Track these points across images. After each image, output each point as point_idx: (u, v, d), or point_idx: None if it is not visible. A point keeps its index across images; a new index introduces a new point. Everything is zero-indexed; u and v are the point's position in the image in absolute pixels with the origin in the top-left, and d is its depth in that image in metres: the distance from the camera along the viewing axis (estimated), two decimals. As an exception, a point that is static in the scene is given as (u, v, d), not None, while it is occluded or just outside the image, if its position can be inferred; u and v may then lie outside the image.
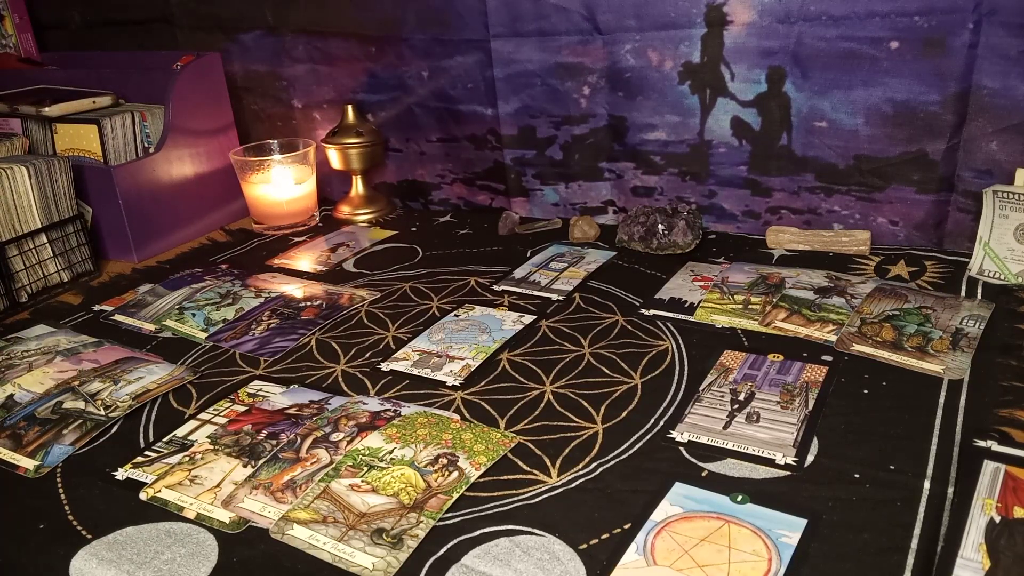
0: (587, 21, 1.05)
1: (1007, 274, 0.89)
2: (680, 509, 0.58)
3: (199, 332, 0.91)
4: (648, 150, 1.10)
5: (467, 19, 1.11)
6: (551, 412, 0.72)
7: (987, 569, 0.50)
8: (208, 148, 1.24)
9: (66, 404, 0.76)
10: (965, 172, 0.95)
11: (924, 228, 1.00)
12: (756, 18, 0.97)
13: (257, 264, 1.11)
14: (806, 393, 0.71)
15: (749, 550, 0.53)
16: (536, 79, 1.12)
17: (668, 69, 1.04)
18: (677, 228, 1.02)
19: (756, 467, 0.62)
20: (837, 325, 0.81)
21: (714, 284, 0.93)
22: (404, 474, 0.63)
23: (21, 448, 0.70)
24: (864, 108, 0.96)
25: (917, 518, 0.55)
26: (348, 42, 1.22)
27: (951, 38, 0.89)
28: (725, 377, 0.74)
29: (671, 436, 0.67)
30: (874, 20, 0.91)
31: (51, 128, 1.17)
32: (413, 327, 0.89)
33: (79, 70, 1.29)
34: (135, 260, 1.14)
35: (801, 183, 1.04)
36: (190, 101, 1.21)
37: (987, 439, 0.62)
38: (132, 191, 1.13)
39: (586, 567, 0.53)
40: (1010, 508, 0.54)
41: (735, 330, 0.84)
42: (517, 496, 0.61)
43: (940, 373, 0.72)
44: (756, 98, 1.01)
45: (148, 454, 0.69)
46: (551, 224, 1.18)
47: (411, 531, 0.57)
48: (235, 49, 1.32)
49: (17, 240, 1.00)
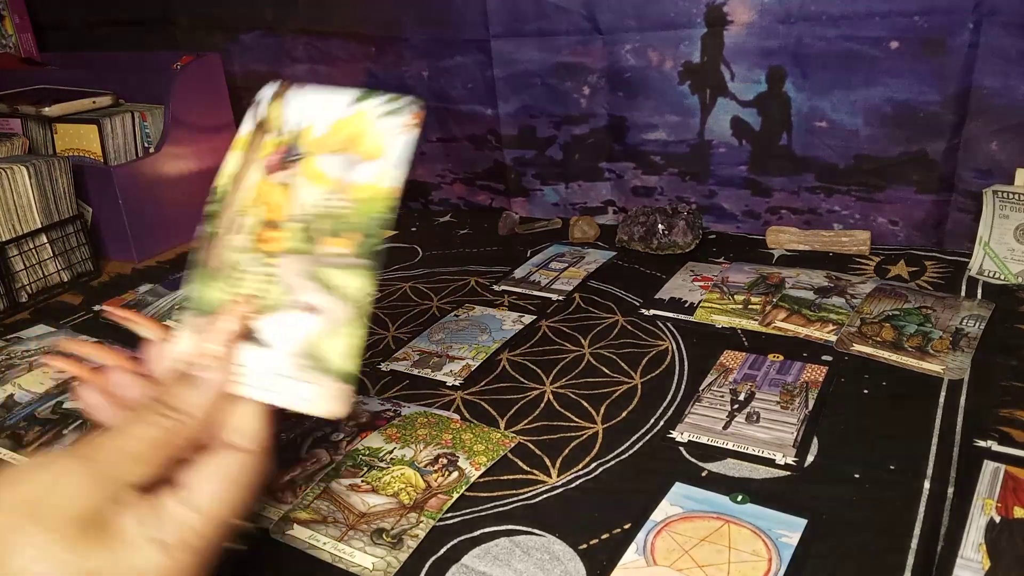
0: (587, 21, 1.05)
1: (1007, 274, 0.89)
2: (680, 509, 0.58)
3: (199, 332, 0.91)
4: (648, 150, 1.10)
5: (467, 19, 1.11)
6: (551, 412, 0.72)
7: (987, 569, 0.50)
8: (208, 148, 1.24)
9: (66, 404, 0.76)
10: (965, 172, 0.95)
11: (924, 228, 1.00)
12: (756, 18, 0.97)
13: (257, 264, 1.11)
14: (806, 393, 0.71)
15: (749, 550, 0.53)
16: (536, 79, 1.12)
17: (668, 69, 1.04)
18: (677, 228, 1.02)
19: (756, 467, 0.62)
20: (837, 325, 0.81)
21: (714, 284, 0.93)
22: (404, 474, 0.63)
23: (21, 448, 0.70)
24: (864, 108, 0.96)
25: (917, 518, 0.55)
26: (348, 42, 1.22)
27: (951, 38, 0.89)
28: (725, 377, 0.74)
29: (671, 436, 0.67)
30: (874, 20, 0.91)
31: (51, 128, 1.18)
32: (413, 327, 0.89)
33: (79, 70, 1.29)
34: (135, 260, 1.14)
35: (801, 183, 1.04)
36: (190, 101, 1.21)
37: (987, 439, 0.62)
38: (132, 191, 1.13)
39: (586, 567, 0.53)
40: (1010, 508, 0.54)
41: (735, 330, 0.84)
42: (517, 496, 0.61)
43: (940, 373, 0.72)
44: (756, 98, 1.01)
45: (148, 454, 0.69)
46: (551, 224, 1.18)
47: (411, 531, 0.57)
48: (235, 49, 1.32)
49: (17, 240, 1.00)
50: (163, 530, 0.36)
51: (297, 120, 0.44)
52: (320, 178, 0.42)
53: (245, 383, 0.41)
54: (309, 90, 0.44)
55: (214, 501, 0.38)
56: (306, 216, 0.42)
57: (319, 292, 0.41)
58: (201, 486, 0.38)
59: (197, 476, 0.39)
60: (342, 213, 0.41)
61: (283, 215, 0.43)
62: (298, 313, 0.41)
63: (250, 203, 0.44)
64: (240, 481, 0.39)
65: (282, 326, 0.42)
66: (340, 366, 0.41)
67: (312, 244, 0.42)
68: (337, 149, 0.42)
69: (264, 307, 0.42)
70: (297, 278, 0.42)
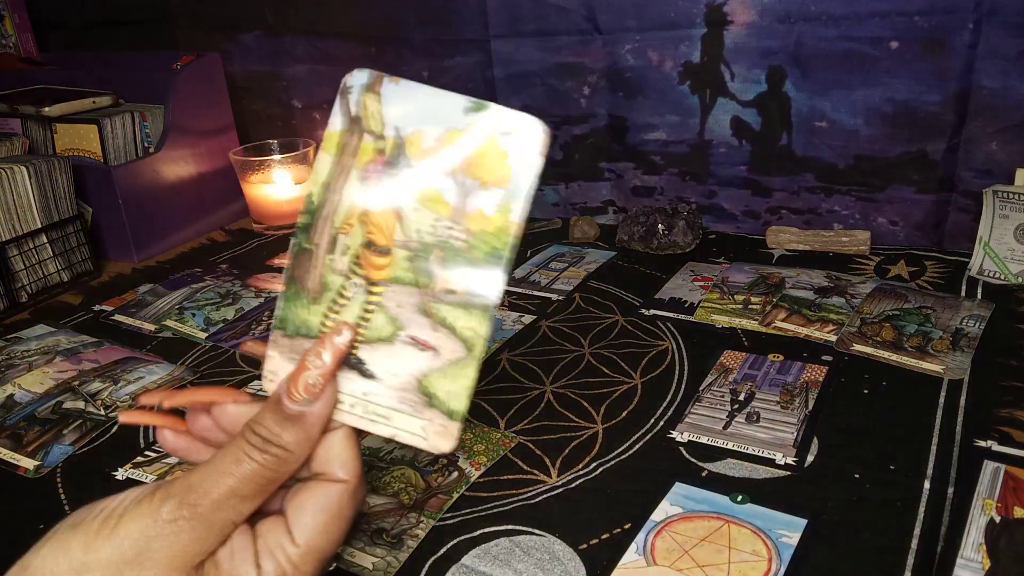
0: (587, 21, 1.05)
1: (1007, 274, 0.89)
2: (680, 509, 0.58)
3: (199, 332, 0.91)
4: (648, 150, 1.10)
5: (467, 19, 1.11)
6: (551, 412, 0.72)
7: (987, 569, 0.50)
8: (208, 148, 1.24)
9: (66, 404, 0.76)
10: (965, 172, 0.95)
11: (924, 228, 1.00)
12: (756, 18, 0.97)
13: (257, 264, 1.11)
14: (806, 393, 0.71)
15: (749, 550, 0.53)
16: (536, 79, 1.12)
17: (668, 69, 1.04)
18: (677, 228, 1.02)
19: (756, 467, 0.62)
20: (837, 325, 0.81)
21: (714, 284, 0.93)
22: (404, 474, 0.63)
23: (21, 448, 0.70)
24: (864, 108, 0.96)
25: (917, 518, 0.55)
26: (348, 42, 1.22)
27: (951, 38, 0.89)
28: (725, 377, 0.74)
29: (671, 436, 0.67)
30: (874, 20, 0.91)
31: (51, 128, 1.17)
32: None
33: (79, 70, 1.29)
34: (135, 260, 1.14)
35: (801, 183, 1.04)
36: (190, 101, 1.21)
37: (987, 439, 0.62)
38: (132, 191, 1.13)
39: (586, 567, 0.53)
40: (1010, 508, 0.54)
41: (735, 330, 0.84)
42: (517, 496, 0.61)
43: (940, 373, 0.72)
44: (756, 98, 1.01)
45: (148, 454, 0.69)
46: (551, 224, 1.18)
47: (411, 531, 0.57)
48: (235, 49, 1.32)
49: (17, 240, 1.00)
50: (261, 562, 0.35)
51: (401, 124, 0.39)
52: (434, 201, 0.38)
53: (349, 413, 0.39)
54: (408, 87, 0.39)
55: (314, 533, 0.37)
56: (416, 244, 0.38)
57: (431, 328, 0.38)
58: (301, 517, 0.37)
59: (296, 506, 0.37)
60: (459, 247, 0.37)
61: (389, 238, 0.38)
62: (407, 347, 0.39)
63: (350, 219, 0.39)
64: (339, 513, 0.38)
65: (390, 359, 0.39)
66: (449, 404, 0.38)
67: (422, 276, 0.38)
68: (454, 168, 0.37)
69: (369, 338, 0.39)
70: (405, 311, 0.39)
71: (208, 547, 0.35)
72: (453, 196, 0.38)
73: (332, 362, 0.38)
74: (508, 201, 0.37)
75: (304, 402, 0.37)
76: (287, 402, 0.37)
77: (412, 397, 0.39)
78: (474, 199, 0.37)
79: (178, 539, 0.34)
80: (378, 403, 0.39)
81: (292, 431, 0.37)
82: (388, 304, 0.39)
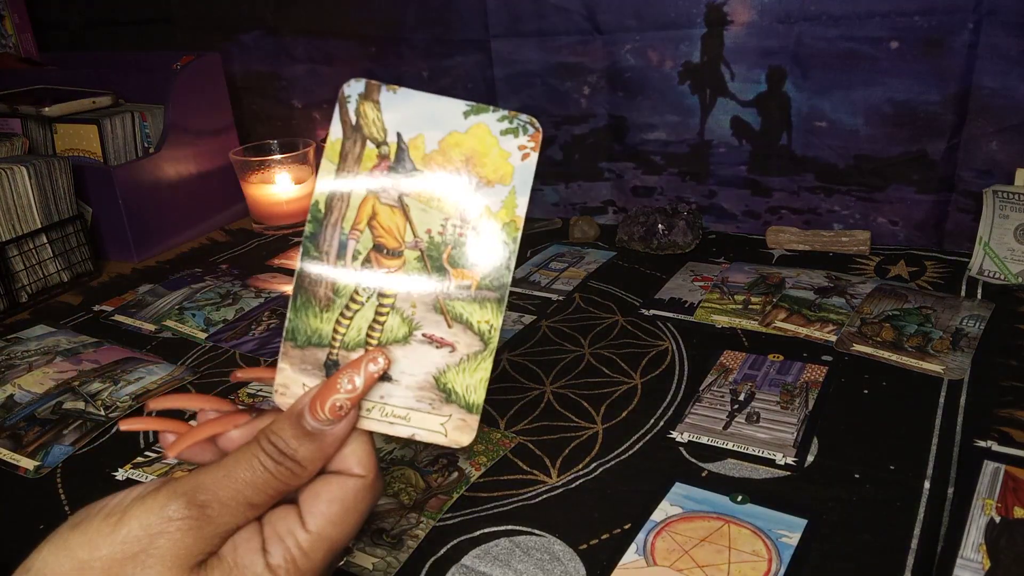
0: (587, 21, 1.05)
1: (1007, 274, 0.89)
2: (680, 509, 0.58)
3: (199, 332, 0.91)
4: (648, 150, 1.10)
5: (467, 19, 1.11)
6: (551, 412, 0.72)
7: (987, 569, 0.50)
8: (208, 148, 1.24)
9: (66, 404, 0.76)
10: (965, 172, 0.95)
11: (924, 228, 1.00)
12: (756, 18, 0.97)
13: (257, 264, 1.11)
14: (806, 393, 0.71)
15: (749, 550, 0.53)
16: (536, 79, 1.12)
17: (668, 69, 1.04)
18: (677, 228, 1.02)
19: (756, 467, 0.62)
20: (837, 325, 0.81)
21: (714, 284, 0.93)
22: (404, 474, 0.63)
23: (21, 448, 0.70)
24: (864, 108, 0.96)
25: (917, 518, 0.55)
26: (348, 42, 1.22)
27: (951, 38, 0.89)
28: (725, 377, 0.74)
29: (671, 436, 0.67)
30: (874, 20, 0.91)
31: (51, 128, 1.17)
32: (413, 327, 0.89)
33: (79, 70, 1.29)
34: (135, 260, 1.14)
35: (801, 183, 1.04)
36: (190, 101, 1.21)
37: (987, 439, 0.62)
38: (132, 191, 1.13)
39: (586, 567, 0.53)
40: (1010, 508, 0.54)
41: (735, 330, 0.84)
42: (517, 496, 0.61)
43: (940, 373, 0.72)
44: (756, 98, 1.01)
45: (148, 454, 0.69)
46: (551, 224, 1.18)
47: (411, 531, 0.57)
48: (235, 49, 1.32)
49: (17, 240, 1.00)
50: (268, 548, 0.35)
51: (402, 129, 0.40)
52: (438, 201, 0.39)
53: (367, 419, 0.39)
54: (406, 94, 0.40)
55: (327, 521, 0.37)
56: (424, 243, 0.40)
57: (444, 324, 0.39)
58: (315, 505, 0.37)
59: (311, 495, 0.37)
60: (468, 244, 0.39)
61: (398, 240, 0.40)
62: (423, 345, 0.40)
63: (359, 225, 0.40)
64: (354, 505, 0.38)
65: (405, 359, 0.40)
66: (467, 398, 0.39)
67: (432, 273, 0.40)
68: (456, 169, 0.39)
69: (384, 341, 0.40)
70: (419, 310, 0.40)
71: (211, 547, 0.35)
72: (459, 195, 0.39)
73: (363, 389, 0.38)
74: (512, 197, 0.39)
75: (327, 423, 0.37)
76: (309, 419, 0.37)
77: (430, 395, 0.40)
78: (479, 197, 0.39)
79: (183, 537, 0.34)
80: (396, 404, 0.40)
81: (309, 448, 0.37)
82: (401, 305, 0.40)
